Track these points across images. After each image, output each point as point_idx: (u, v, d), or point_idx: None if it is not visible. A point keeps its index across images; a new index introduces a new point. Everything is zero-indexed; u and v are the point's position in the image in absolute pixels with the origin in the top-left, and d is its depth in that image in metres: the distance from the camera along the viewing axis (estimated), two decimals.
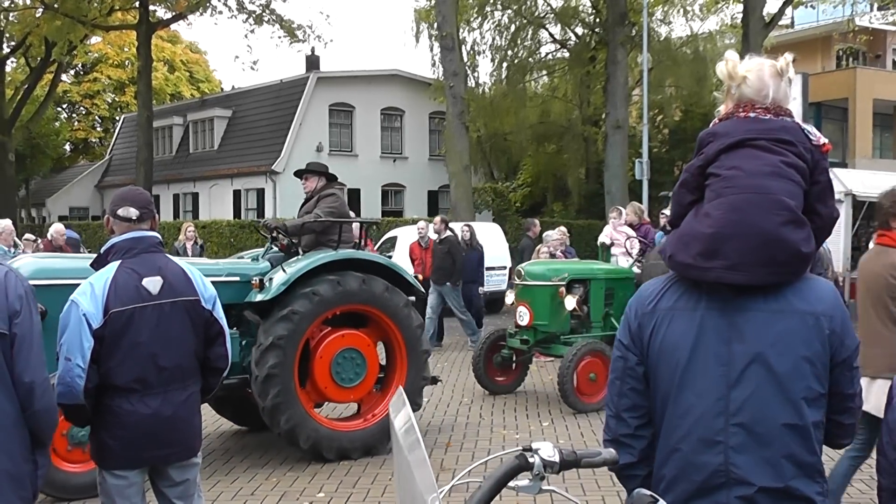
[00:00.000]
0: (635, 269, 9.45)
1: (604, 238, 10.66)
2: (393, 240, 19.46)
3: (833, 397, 1.95)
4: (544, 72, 32.52)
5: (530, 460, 1.62)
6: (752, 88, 2.03)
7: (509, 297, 9.28)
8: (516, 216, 28.54)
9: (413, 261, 13.41)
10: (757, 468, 1.88)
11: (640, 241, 9.91)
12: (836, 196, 18.19)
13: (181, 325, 3.47)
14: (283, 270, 6.40)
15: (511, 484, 1.62)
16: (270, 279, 6.40)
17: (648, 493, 1.63)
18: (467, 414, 8.43)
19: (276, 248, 6.99)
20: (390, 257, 18.70)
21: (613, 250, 10.36)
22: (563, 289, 8.76)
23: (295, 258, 6.72)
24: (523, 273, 9.15)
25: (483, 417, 8.27)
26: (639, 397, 2.06)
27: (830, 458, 6.32)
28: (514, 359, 9.36)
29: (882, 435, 1.97)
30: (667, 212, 9.29)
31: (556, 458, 1.64)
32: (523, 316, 8.85)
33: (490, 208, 29.74)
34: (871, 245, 4.82)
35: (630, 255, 9.83)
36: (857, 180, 16.85)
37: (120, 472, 3.44)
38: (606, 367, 8.35)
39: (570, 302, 8.69)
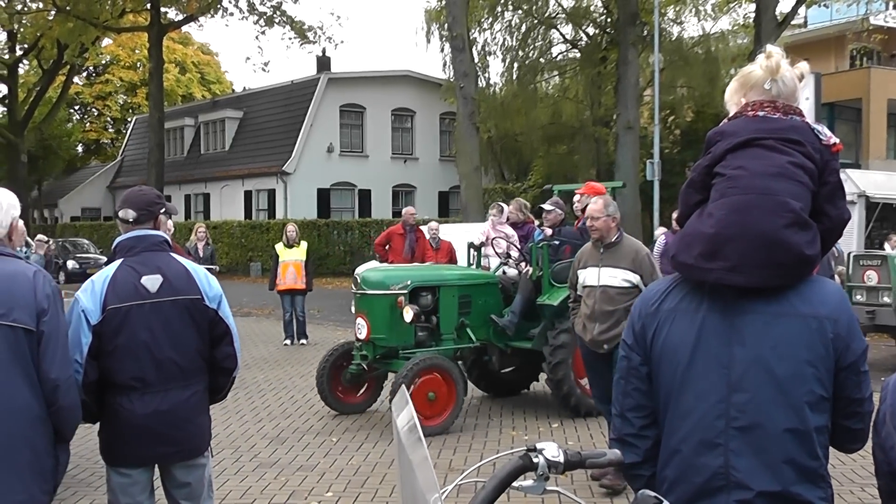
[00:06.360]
0: (509, 272, 8.59)
1: (476, 237, 9.44)
2: None
3: (839, 401, 1.91)
4: (555, 72, 32.51)
5: (534, 460, 1.61)
6: (789, 88, 2.01)
7: (353, 308, 8.15)
8: None
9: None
10: (757, 472, 1.85)
11: (512, 244, 8.84)
12: (849, 197, 18.14)
13: (181, 324, 3.45)
14: None
15: (515, 484, 1.61)
16: None
17: (653, 494, 1.61)
18: (476, 415, 8.40)
19: None
20: None
21: (485, 251, 9.24)
22: (401, 298, 7.70)
23: None
24: (360, 280, 8.01)
25: (492, 418, 8.25)
26: (643, 397, 2.04)
27: (841, 461, 6.28)
28: (366, 374, 8.19)
29: (872, 436, 1.93)
30: (547, 206, 8.25)
31: (561, 459, 1.62)
32: (361, 328, 7.78)
33: None
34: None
35: (498, 255, 8.90)
36: (870, 181, 16.79)
37: (123, 470, 3.46)
38: (449, 385, 7.50)
39: (409, 314, 7.61)
